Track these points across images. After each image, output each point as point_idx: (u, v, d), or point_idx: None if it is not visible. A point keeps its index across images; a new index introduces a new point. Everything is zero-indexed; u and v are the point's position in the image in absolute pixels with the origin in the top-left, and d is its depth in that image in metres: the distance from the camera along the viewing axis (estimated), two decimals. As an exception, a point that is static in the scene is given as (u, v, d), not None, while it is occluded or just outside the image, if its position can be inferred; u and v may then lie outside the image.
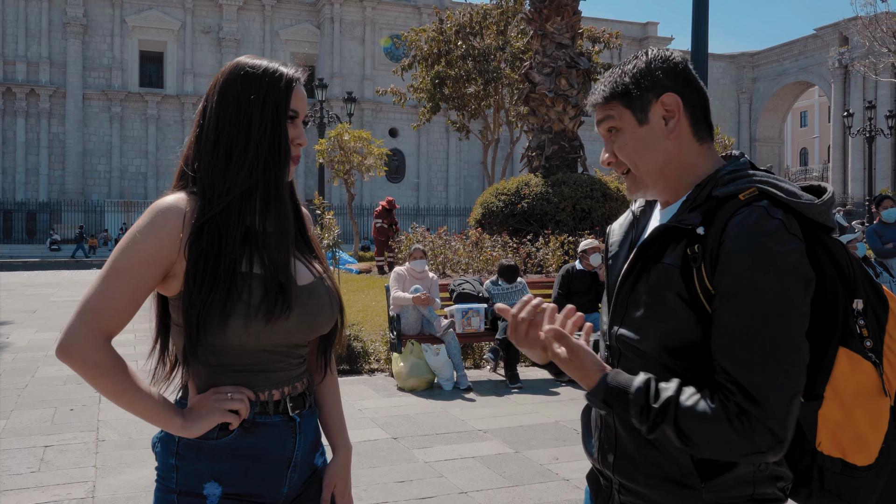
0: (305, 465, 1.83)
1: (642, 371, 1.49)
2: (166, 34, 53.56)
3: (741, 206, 1.45)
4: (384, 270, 19.20)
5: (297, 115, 1.75)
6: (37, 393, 7.43)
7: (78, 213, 48.04)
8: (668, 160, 1.58)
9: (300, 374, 1.81)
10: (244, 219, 1.69)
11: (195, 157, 1.73)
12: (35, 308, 15.01)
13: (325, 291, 1.80)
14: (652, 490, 1.53)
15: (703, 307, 1.45)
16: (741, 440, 1.36)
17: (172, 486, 1.70)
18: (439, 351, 7.83)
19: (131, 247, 1.64)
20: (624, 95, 1.60)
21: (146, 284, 1.65)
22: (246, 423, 1.71)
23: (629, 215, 1.77)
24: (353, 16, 55.21)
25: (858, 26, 31.77)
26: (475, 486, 4.81)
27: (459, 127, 30.29)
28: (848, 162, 54.20)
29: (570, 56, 16.99)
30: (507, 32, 28.41)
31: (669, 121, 1.57)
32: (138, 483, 4.82)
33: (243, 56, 1.79)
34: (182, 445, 1.70)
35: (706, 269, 1.44)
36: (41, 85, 50.40)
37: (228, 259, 1.64)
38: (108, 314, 1.62)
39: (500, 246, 14.05)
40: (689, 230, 1.48)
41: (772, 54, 62.42)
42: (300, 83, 1.76)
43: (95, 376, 1.60)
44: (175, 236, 1.64)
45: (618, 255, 1.70)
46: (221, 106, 1.71)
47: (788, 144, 76.25)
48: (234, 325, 1.62)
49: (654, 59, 1.60)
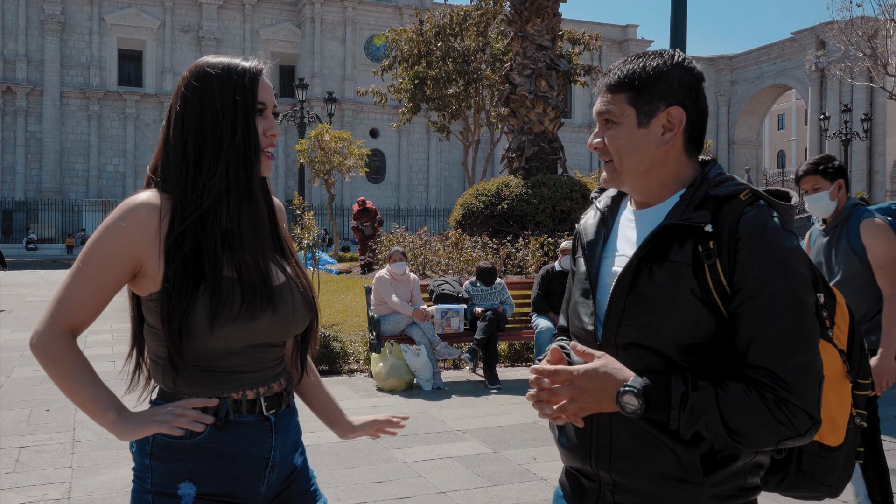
0: (285, 466, 1.83)
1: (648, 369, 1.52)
2: (145, 32, 53.13)
3: (746, 206, 1.52)
4: (365, 271, 19.21)
5: (265, 107, 1.75)
6: (12, 393, 7.36)
7: (55, 213, 47.56)
8: (653, 166, 1.62)
9: (277, 374, 1.81)
10: (220, 221, 1.69)
11: (164, 164, 1.72)
12: (10, 308, 14.85)
13: (297, 292, 1.80)
14: (654, 487, 1.55)
15: (715, 303, 1.50)
16: (783, 427, 1.44)
17: (148, 486, 1.70)
18: (419, 352, 7.84)
19: (98, 244, 1.65)
20: (636, 91, 1.60)
21: (112, 281, 1.66)
22: (218, 422, 1.70)
23: (597, 213, 1.78)
24: (334, 16, 55.07)
25: (835, 30, 32.14)
26: (454, 486, 4.83)
27: (440, 128, 30.30)
28: (824, 164, 54.75)
29: (551, 58, 17.07)
30: (488, 34, 28.46)
31: (667, 133, 1.60)
32: (115, 484, 4.79)
33: (204, 56, 1.78)
34: (156, 446, 1.70)
35: (722, 267, 1.49)
36: (18, 83, 49.81)
37: (209, 264, 1.65)
38: (70, 309, 1.65)
39: (479, 247, 14.08)
40: (695, 228, 1.52)
41: (750, 57, 62.95)
42: (264, 74, 1.76)
43: (47, 364, 1.65)
44: (146, 232, 1.64)
45: (594, 252, 1.70)
46: (186, 110, 1.70)
47: (766, 147, 76.94)
48: (211, 329, 1.63)
49: (677, 67, 1.61)
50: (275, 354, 1.80)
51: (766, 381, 1.44)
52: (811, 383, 1.45)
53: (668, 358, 1.53)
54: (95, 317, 1.71)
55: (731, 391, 1.45)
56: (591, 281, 1.68)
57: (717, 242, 1.50)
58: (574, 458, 1.67)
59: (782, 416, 1.43)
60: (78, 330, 1.68)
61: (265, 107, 1.75)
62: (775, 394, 1.44)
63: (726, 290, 1.49)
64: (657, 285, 1.54)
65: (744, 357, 1.48)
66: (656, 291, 1.54)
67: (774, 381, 1.44)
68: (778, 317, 1.45)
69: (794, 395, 1.43)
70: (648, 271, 1.55)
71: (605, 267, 1.67)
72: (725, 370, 1.52)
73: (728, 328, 1.50)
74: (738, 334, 1.49)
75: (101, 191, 51.05)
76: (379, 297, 8.31)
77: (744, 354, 1.48)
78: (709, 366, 1.52)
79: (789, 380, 1.44)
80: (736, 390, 1.45)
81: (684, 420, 1.44)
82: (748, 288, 1.47)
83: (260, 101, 1.73)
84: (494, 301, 8.69)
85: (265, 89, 1.74)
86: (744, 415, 1.44)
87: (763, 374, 1.45)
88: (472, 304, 8.66)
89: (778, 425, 1.44)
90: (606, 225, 1.73)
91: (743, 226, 1.49)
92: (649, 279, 1.55)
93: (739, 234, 1.49)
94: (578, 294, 1.71)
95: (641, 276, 1.56)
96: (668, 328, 1.53)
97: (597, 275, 1.67)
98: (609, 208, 1.76)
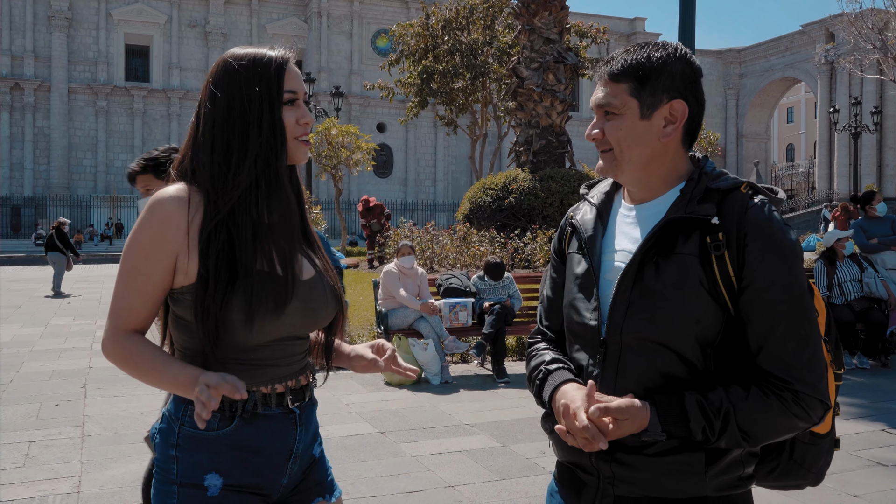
0: (305, 457, 1.84)
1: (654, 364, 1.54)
2: (152, 28, 53.18)
3: (749, 199, 1.55)
4: (373, 265, 19.23)
5: (296, 96, 1.73)
6: (22, 388, 7.39)
7: (63, 208, 47.71)
8: (653, 158, 1.62)
9: (302, 367, 1.82)
10: (251, 214, 1.69)
11: (193, 157, 1.72)
12: (20, 303, 14.91)
13: (325, 285, 1.80)
14: (656, 479, 1.55)
15: (721, 295, 1.52)
16: (800, 421, 1.49)
17: (172, 478, 1.71)
18: (427, 346, 7.83)
19: (135, 244, 1.67)
20: (639, 81, 1.59)
21: (158, 277, 1.67)
22: (245, 415, 1.71)
23: (592, 208, 1.77)
24: (341, 10, 55.02)
25: (844, 23, 31.92)
26: (462, 480, 4.82)
27: (447, 122, 30.26)
28: (834, 158, 54.50)
29: (558, 51, 16.99)
30: (495, 27, 28.38)
31: (668, 125, 1.60)
32: (124, 478, 4.80)
33: (232, 49, 1.78)
34: (182, 437, 1.71)
35: (730, 258, 1.51)
36: (26, 79, 49.93)
37: (243, 259, 1.65)
38: (124, 314, 1.68)
39: (487, 241, 14.06)
40: (701, 221, 1.54)
41: (759, 50, 62.64)
42: (291, 62, 1.75)
43: (123, 367, 1.69)
44: (178, 226, 1.65)
45: (594, 248, 1.68)
46: (214, 103, 1.70)
47: (775, 140, 76.63)
48: (245, 322, 1.63)
49: (679, 60, 1.61)
50: (302, 347, 1.81)
51: (782, 376, 1.47)
52: (822, 372, 1.50)
53: (675, 352, 1.54)
54: (154, 314, 1.72)
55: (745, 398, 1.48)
56: (593, 277, 1.66)
57: (726, 234, 1.51)
58: (570, 452, 1.67)
59: (800, 412, 1.48)
60: (139, 329, 1.71)
61: (296, 95, 1.73)
62: (791, 389, 1.47)
63: (733, 282, 1.51)
64: (664, 278, 1.54)
65: (757, 353, 1.50)
66: (663, 284, 1.54)
67: (789, 374, 1.47)
68: (788, 312, 1.49)
69: (809, 386, 1.47)
70: (654, 265, 1.55)
71: (606, 263, 1.66)
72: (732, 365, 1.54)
73: (737, 323, 1.52)
74: (749, 329, 1.51)
75: (109, 186, 51.19)
76: (387, 291, 8.30)
77: (757, 350, 1.50)
78: (714, 360, 1.54)
79: (803, 373, 1.47)
80: (751, 396, 1.48)
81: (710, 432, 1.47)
82: (759, 284, 1.50)
83: (288, 89, 1.72)
84: (502, 295, 8.67)
85: (293, 77, 1.73)
86: (763, 417, 1.48)
87: (778, 369, 1.48)
88: (480, 298, 8.64)
89: (795, 420, 1.48)
90: (603, 220, 1.72)
91: (750, 219, 1.52)
92: (655, 272, 1.55)
93: (747, 228, 1.51)
94: (576, 290, 1.69)
95: (647, 270, 1.56)
96: (676, 321, 1.53)
97: (598, 270, 1.66)
98: (604, 204, 1.75)
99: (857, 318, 8.63)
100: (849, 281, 8.82)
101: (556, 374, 1.67)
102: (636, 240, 1.62)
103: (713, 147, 32.53)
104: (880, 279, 8.87)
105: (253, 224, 1.69)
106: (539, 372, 1.72)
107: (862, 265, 8.96)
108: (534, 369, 1.75)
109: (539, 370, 1.72)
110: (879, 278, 8.88)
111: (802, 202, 52.06)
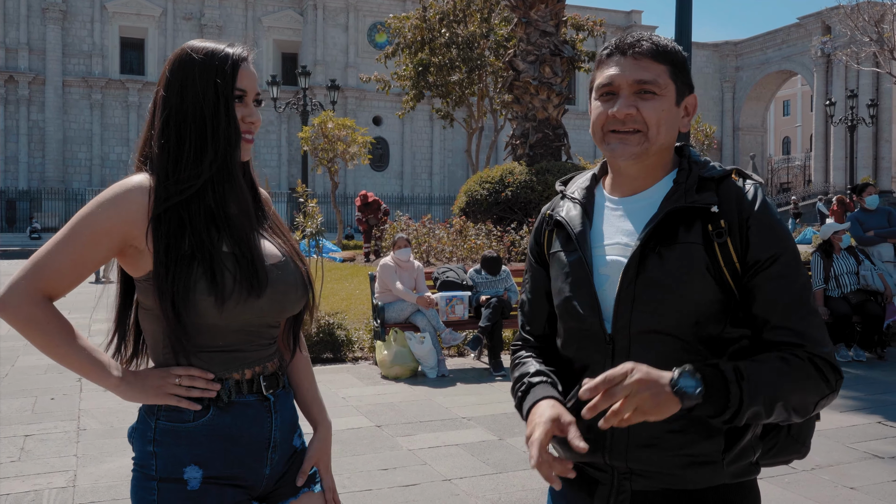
0: (285, 446, 1.84)
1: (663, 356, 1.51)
2: (147, 20, 52.92)
3: (742, 187, 1.59)
4: (369, 258, 19.21)
5: (245, 94, 1.74)
6: (17, 382, 7.36)
7: (59, 202, 47.55)
8: (671, 144, 1.65)
9: (271, 354, 1.81)
10: (206, 202, 1.70)
11: (148, 146, 1.73)
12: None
13: (294, 270, 1.80)
14: (677, 470, 1.55)
15: (726, 281, 1.54)
16: (822, 383, 1.49)
17: (152, 474, 1.69)
18: (423, 339, 7.82)
19: (89, 217, 1.65)
20: (675, 67, 1.62)
21: (96, 255, 1.66)
22: (220, 404, 1.71)
23: (575, 204, 1.73)
24: (337, 2, 54.79)
25: (840, 15, 31.90)
26: (459, 474, 4.82)
27: (444, 115, 30.17)
28: (830, 150, 54.51)
29: (555, 44, 16.96)
30: (491, 20, 28.29)
31: (685, 117, 1.66)
32: (119, 472, 4.78)
33: (190, 41, 1.78)
34: (158, 431, 1.70)
35: (734, 244, 1.53)
36: (20, 71, 49.67)
37: (197, 242, 1.64)
38: (49, 272, 1.63)
39: (483, 234, 14.04)
40: (702, 210, 1.56)
41: (755, 43, 62.55)
42: (248, 62, 1.75)
43: (28, 330, 1.63)
44: (137, 214, 1.65)
45: (586, 243, 1.65)
46: (169, 93, 1.71)
47: (771, 133, 76.59)
48: (206, 304, 1.63)
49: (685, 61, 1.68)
50: (269, 334, 1.80)
51: (794, 339, 1.50)
52: (826, 337, 1.54)
53: (684, 341, 1.53)
54: (70, 289, 1.70)
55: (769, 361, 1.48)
56: (588, 273, 1.62)
57: (727, 222, 1.54)
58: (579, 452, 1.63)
59: (816, 373, 1.49)
60: (54, 296, 1.67)
61: (245, 94, 1.74)
62: (805, 350, 1.50)
63: (736, 267, 1.53)
64: (670, 267, 1.53)
65: (766, 323, 1.53)
66: (669, 274, 1.53)
67: (801, 338, 1.50)
68: (792, 284, 1.53)
69: (819, 346, 1.51)
70: (658, 255, 1.54)
71: (598, 258, 1.63)
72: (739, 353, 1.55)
73: (742, 302, 1.54)
74: (755, 304, 1.53)
75: (104, 179, 51.00)
76: (383, 284, 8.28)
77: (765, 321, 1.53)
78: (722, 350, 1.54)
79: (812, 336, 1.51)
80: (772, 359, 1.49)
81: (748, 392, 1.42)
82: (764, 260, 1.53)
83: (240, 87, 1.73)
84: (499, 288, 8.66)
85: (247, 77, 1.74)
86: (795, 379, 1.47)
87: (789, 335, 1.51)
88: (476, 291, 8.64)
89: (820, 382, 1.49)
90: (588, 215, 1.70)
91: (749, 204, 1.56)
92: (660, 263, 1.54)
93: (747, 213, 1.55)
94: (570, 289, 1.65)
95: (650, 261, 1.54)
96: (683, 310, 1.52)
97: (591, 266, 1.63)
98: (586, 198, 1.73)
99: (854, 310, 8.63)
100: (845, 273, 8.82)
101: (538, 390, 1.62)
102: (630, 232, 1.60)
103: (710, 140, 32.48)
104: (877, 271, 8.88)
105: (208, 211, 1.69)
106: (522, 384, 1.68)
107: (858, 258, 8.97)
108: (517, 381, 1.71)
109: (522, 382, 1.68)
110: (876, 271, 8.89)
111: (798, 195, 52.05)
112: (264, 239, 1.79)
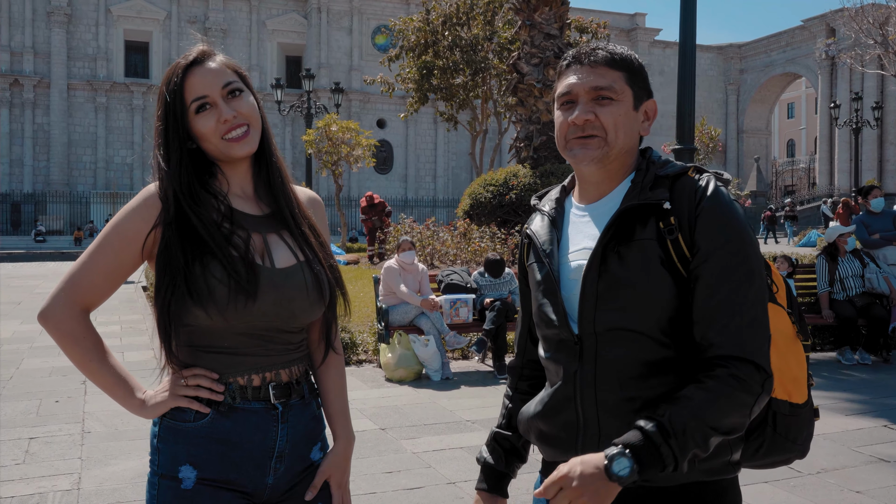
0: (295, 457, 1.79)
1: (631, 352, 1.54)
2: (152, 24, 53.06)
3: (696, 182, 1.59)
4: (373, 261, 19.23)
5: (205, 101, 1.72)
6: (21, 385, 7.37)
7: (63, 205, 47.68)
8: (631, 148, 1.68)
9: (288, 361, 1.77)
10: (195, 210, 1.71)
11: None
12: (20, 300, 14.88)
13: (306, 276, 1.76)
14: None
15: (681, 274, 1.54)
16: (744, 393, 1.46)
17: (155, 468, 1.74)
18: (428, 342, 7.81)
19: (116, 225, 1.71)
20: (631, 73, 1.66)
21: (126, 262, 1.71)
22: (222, 408, 1.70)
23: (544, 217, 1.78)
24: (341, 6, 54.89)
25: (845, 18, 31.89)
26: (463, 477, 4.81)
27: (448, 118, 30.19)
28: (834, 153, 54.41)
29: (559, 46, 16.96)
30: (495, 22, 28.31)
31: (645, 121, 1.70)
32: (124, 475, 4.78)
33: None
34: (163, 428, 1.73)
35: (684, 239, 1.54)
36: (25, 75, 49.82)
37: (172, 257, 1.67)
38: (84, 286, 1.69)
39: (488, 237, 14.04)
40: (655, 207, 1.57)
41: (759, 45, 62.49)
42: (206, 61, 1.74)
43: (66, 344, 1.70)
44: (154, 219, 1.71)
45: (552, 252, 1.70)
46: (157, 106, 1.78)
47: (776, 135, 76.52)
48: (198, 313, 1.66)
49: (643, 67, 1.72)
50: (284, 339, 1.76)
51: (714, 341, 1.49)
52: (761, 338, 1.50)
53: (649, 337, 1.55)
54: (106, 298, 1.76)
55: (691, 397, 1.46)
56: (554, 280, 1.67)
57: (678, 217, 1.55)
58: (558, 453, 1.69)
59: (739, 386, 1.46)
60: (90, 308, 1.73)
61: (205, 100, 1.72)
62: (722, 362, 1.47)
63: (689, 259, 1.55)
64: (628, 265, 1.56)
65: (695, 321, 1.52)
66: (629, 270, 1.56)
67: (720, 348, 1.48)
68: (733, 276, 1.51)
69: (739, 349, 1.47)
70: (617, 254, 1.58)
71: (565, 265, 1.68)
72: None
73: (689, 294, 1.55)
74: (694, 295, 1.53)
75: (109, 182, 51.13)
76: (387, 286, 8.28)
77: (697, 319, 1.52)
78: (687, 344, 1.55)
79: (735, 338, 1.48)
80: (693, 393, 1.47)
81: (678, 447, 1.42)
82: (705, 249, 1.52)
83: (194, 98, 1.71)
84: (503, 291, 8.65)
85: (198, 82, 1.72)
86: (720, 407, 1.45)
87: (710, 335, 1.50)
88: (480, 294, 8.63)
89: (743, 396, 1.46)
90: (557, 226, 1.74)
91: (700, 196, 1.56)
92: (619, 261, 1.57)
93: (699, 206, 1.55)
94: (541, 297, 1.71)
95: (610, 260, 1.58)
96: (645, 305, 1.55)
97: (558, 273, 1.68)
98: (556, 210, 1.77)
99: (859, 313, 8.61)
100: (851, 276, 8.80)
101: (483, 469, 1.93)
102: (594, 236, 1.64)
103: (714, 143, 32.47)
104: (882, 274, 8.85)
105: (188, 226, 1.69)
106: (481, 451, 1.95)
107: (864, 260, 8.94)
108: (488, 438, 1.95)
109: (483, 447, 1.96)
110: (881, 274, 8.86)
111: (803, 198, 51.96)
112: (281, 242, 1.77)
